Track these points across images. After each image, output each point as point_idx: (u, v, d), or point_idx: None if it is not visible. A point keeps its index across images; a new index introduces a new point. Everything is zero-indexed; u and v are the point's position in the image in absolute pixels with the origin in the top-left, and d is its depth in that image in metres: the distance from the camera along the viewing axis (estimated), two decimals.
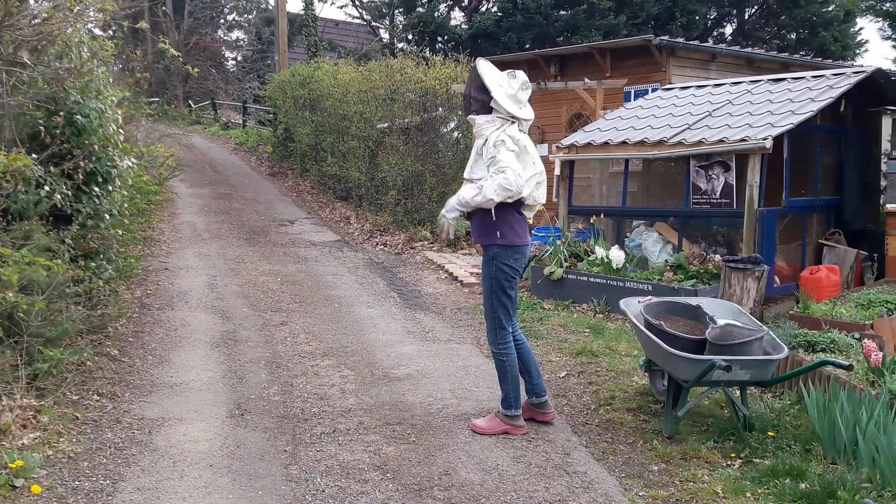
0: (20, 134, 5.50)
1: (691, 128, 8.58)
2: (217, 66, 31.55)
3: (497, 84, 4.61)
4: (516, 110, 4.61)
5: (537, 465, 4.27)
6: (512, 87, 4.62)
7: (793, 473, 4.04)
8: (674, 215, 8.73)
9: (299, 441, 4.57)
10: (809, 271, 7.79)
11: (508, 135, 4.54)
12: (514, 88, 4.62)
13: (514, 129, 4.61)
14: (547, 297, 8.45)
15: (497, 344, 4.70)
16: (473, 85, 4.68)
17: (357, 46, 24.91)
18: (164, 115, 22.73)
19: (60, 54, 5.91)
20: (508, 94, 4.61)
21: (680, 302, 5.31)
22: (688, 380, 4.46)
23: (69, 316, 5.35)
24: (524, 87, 4.65)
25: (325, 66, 16.41)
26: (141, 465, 4.22)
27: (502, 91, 4.60)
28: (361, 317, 7.59)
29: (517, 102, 4.64)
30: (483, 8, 23.65)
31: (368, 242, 11.76)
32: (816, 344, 5.68)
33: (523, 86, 4.65)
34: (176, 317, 7.32)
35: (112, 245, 6.97)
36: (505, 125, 4.57)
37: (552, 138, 13.53)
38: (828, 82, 8.79)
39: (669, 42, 13.07)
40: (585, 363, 6.16)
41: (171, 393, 5.37)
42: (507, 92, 4.60)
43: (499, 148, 4.47)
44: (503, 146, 4.48)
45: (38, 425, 4.46)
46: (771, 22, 23.85)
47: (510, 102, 4.59)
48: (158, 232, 11.31)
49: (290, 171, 17.76)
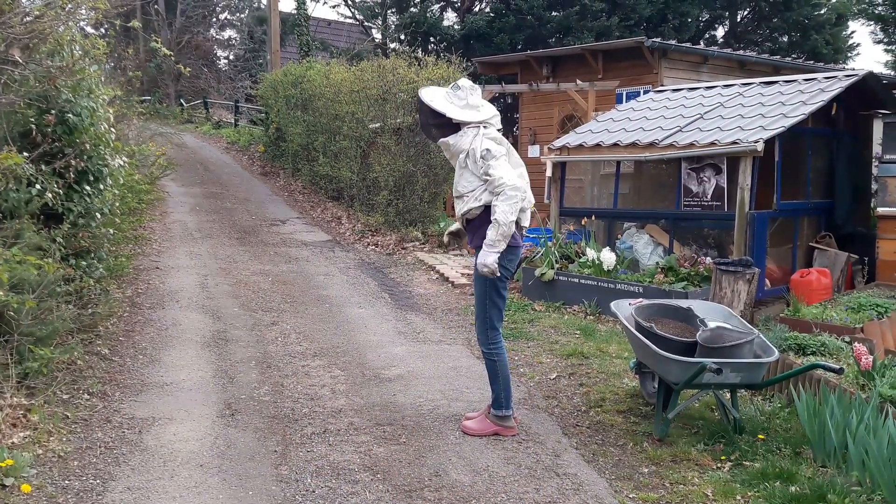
0: (11, 132, 5.46)
1: (683, 130, 8.61)
2: (209, 65, 31.43)
3: (447, 103, 4.61)
4: (477, 115, 4.60)
5: (527, 467, 4.28)
6: (461, 98, 4.62)
7: (783, 476, 4.06)
8: (665, 217, 8.76)
9: (289, 441, 4.57)
10: (800, 274, 7.82)
11: (490, 138, 4.54)
12: (464, 98, 4.62)
13: (490, 132, 4.61)
14: (538, 298, 8.46)
15: (488, 344, 4.69)
16: (426, 115, 4.68)
17: (349, 46, 24.86)
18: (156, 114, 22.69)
19: (52, 52, 5.88)
20: (461, 106, 4.60)
21: (671, 304, 5.33)
22: (678, 382, 4.48)
23: (60, 315, 5.33)
24: (472, 91, 4.64)
25: (317, 66, 16.37)
26: (131, 464, 4.21)
27: (455, 107, 4.60)
28: (352, 317, 7.58)
29: (473, 108, 4.63)
30: (475, 9, 23.65)
31: (360, 242, 11.75)
32: (807, 347, 5.71)
33: (471, 90, 4.64)
34: (167, 316, 7.30)
35: (103, 244, 6.94)
36: (479, 131, 4.57)
37: (544, 139, 13.57)
38: (819, 85, 8.84)
39: (661, 44, 13.12)
40: (576, 365, 6.17)
41: (161, 392, 5.35)
42: (458, 105, 4.60)
43: (487, 160, 4.45)
44: (491, 157, 4.45)
45: (28, 424, 4.45)
46: (763, 24, 23.93)
47: (468, 112, 4.59)
48: (150, 231, 11.27)
49: (281, 171, 17.73)
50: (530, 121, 15.54)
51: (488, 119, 4.65)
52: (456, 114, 4.57)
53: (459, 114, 4.58)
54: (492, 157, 4.45)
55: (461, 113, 4.58)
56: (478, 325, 4.76)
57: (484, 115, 4.64)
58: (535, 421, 4.97)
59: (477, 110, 4.63)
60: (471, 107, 4.62)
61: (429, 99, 4.64)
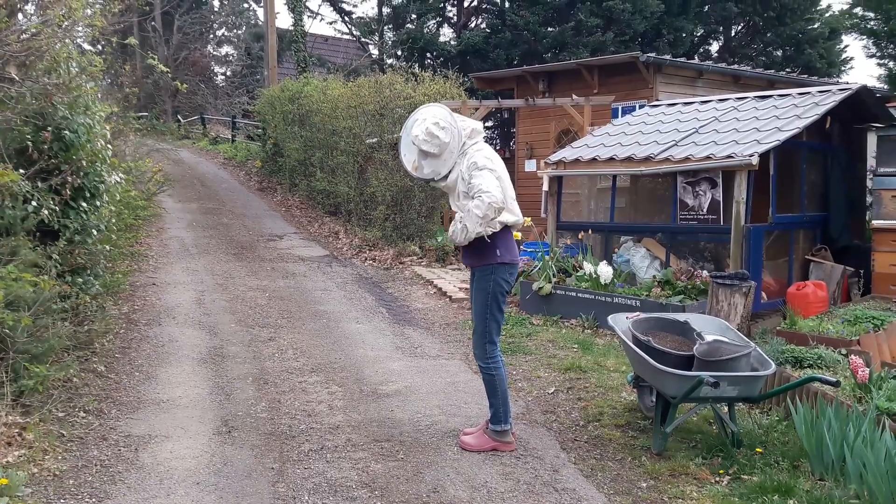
0: (7, 149, 5.47)
1: (678, 144, 8.63)
2: (206, 81, 31.49)
3: (440, 142, 4.50)
4: (454, 149, 4.53)
5: (526, 482, 4.26)
6: (446, 135, 4.51)
7: (781, 490, 4.05)
8: (661, 231, 8.77)
9: (287, 458, 4.55)
10: (796, 287, 7.83)
11: (476, 151, 4.53)
12: (438, 143, 4.51)
13: (479, 144, 4.60)
14: (535, 312, 8.46)
15: (486, 359, 4.68)
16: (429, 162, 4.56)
17: (346, 62, 24.95)
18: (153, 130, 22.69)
19: (49, 69, 5.90)
20: (453, 142, 4.52)
21: (668, 318, 5.33)
22: (676, 396, 4.47)
23: (55, 332, 5.32)
24: (448, 118, 4.54)
25: (314, 82, 16.43)
26: (127, 482, 4.19)
27: (447, 143, 4.51)
28: (350, 332, 7.57)
29: (447, 145, 4.53)
30: (472, 25, 23.76)
31: (357, 258, 11.75)
32: (804, 360, 5.71)
33: (446, 119, 4.54)
34: (163, 332, 7.28)
35: (99, 260, 6.93)
36: (465, 155, 4.54)
37: (540, 154, 13.59)
38: (813, 99, 8.88)
39: (656, 59, 13.17)
40: (574, 379, 6.16)
41: (157, 410, 5.34)
42: (448, 140, 4.51)
43: (471, 172, 4.44)
44: (476, 170, 4.43)
45: (23, 443, 4.43)
46: (757, 39, 24.06)
47: (450, 156, 4.52)
48: (146, 247, 11.27)
49: (278, 186, 17.75)
50: (527, 135, 15.59)
51: (473, 137, 4.62)
52: (451, 144, 4.52)
53: (454, 145, 4.52)
54: (476, 171, 4.44)
55: (454, 144, 4.52)
56: (476, 340, 4.75)
57: (468, 134, 4.59)
58: (534, 436, 4.96)
59: (461, 135, 4.55)
60: (446, 147, 4.52)
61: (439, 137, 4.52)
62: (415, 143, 4.55)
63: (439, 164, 4.54)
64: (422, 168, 4.58)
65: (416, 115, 4.68)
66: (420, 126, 4.54)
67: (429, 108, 4.69)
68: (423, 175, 4.60)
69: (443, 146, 4.50)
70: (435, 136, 4.49)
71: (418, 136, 4.52)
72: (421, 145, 4.52)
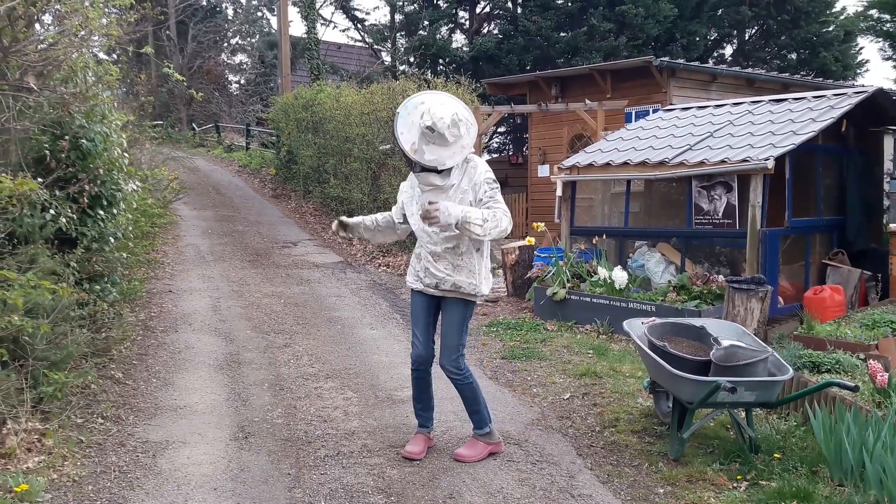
0: (26, 158, 5.53)
1: (693, 148, 8.61)
2: (220, 90, 31.71)
3: (458, 133, 4.30)
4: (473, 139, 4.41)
5: (542, 489, 4.25)
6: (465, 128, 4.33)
7: (800, 496, 4.02)
8: (676, 236, 8.75)
9: (303, 464, 4.56)
10: (813, 291, 7.78)
11: (479, 161, 4.48)
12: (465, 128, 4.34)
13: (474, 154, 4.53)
14: (550, 317, 8.44)
15: (460, 370, 4.60)
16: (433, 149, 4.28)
17: (359, 69, 25.05)
18: (168, 139, 22.86)
19: (66, 79, 5.96)
20: (467, 139, 4.36)
21: (683, 323, 5.30)
22: (692, 401, 4.45)
23: (74, 339, 5.36)
24: (468, 114, 4.43)
25: (327, 89, 16.51)
26: (145, 488, 4.21)
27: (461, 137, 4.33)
28: (364, 338, 7.59)
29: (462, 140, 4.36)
30: (484, 30, 23.80)
31: (371, 264, 11.77)
32: (821, 365, 5.67)
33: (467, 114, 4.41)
34: (180, 339, 7.32)
35: (116, 268, 6.99)
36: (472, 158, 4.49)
37: (554, 159, 13.59)
38: (829, 102, 8.83)
39: (670, 63, 13.16)
40: (589, 385, 6.14)
41: (174, 416, 5.36)
42: (464, 134, 4.34)
43: (492, 186, 4.37)
44: (496, 187, 4.39)
45: (42, 449, 4.46)
46: (771, 42, 23.98)
47: (471, 139, 4.38)
48: (162, 254, 11.33)
49: (292, 193, 17.82)
50: (540, 140, 15.60)
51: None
52: (454, 159, 4.34)
53: (455, 157, 4.34)
54: (495, 184, 4.40)
55: (455, 155, 4.34)
56: (450, 354, 4.56)
57: (471, 139, 4.42)
58: (549, 442, 4.95)
59: (462, 140, 4.36)
60: (459, 139, 4.33)
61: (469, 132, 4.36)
62: (430, 127, 4.22)
63: (445, 154, 4.27)
64: (422, 152, 4.27)
65: (420, 96, 4.44)
66: (447, 109, 4.27)
67: (436, 95, 4.49)
68: (423, 160, 4.27)
69: (458, 137, 4.29)
70: (457, 126, 4.26)
71: (443, 118, 4.20)
72: (442, 129, 4.20)
